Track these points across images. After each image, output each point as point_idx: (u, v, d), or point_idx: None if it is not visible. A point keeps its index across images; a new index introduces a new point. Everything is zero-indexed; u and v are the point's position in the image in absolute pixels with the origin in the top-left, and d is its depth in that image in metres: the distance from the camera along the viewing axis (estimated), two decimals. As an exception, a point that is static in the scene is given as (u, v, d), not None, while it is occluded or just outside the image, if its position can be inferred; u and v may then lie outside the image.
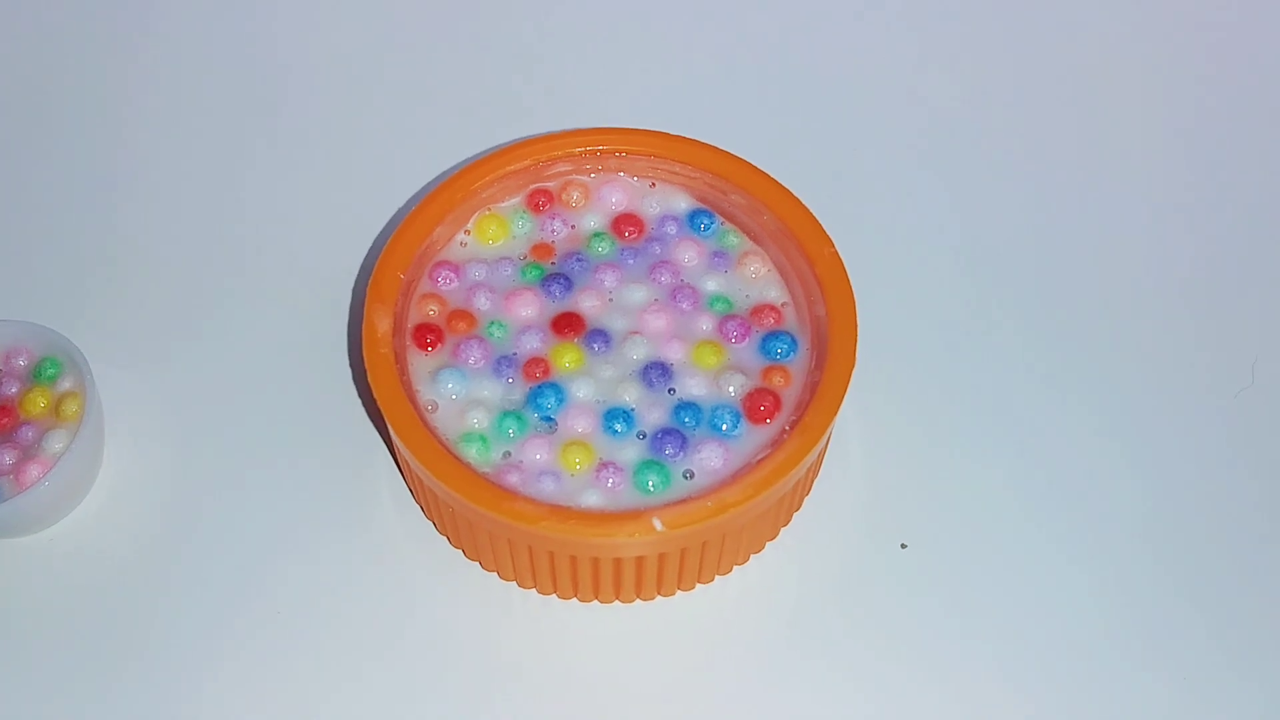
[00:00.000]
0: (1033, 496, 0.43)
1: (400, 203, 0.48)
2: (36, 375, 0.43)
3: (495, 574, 0.41)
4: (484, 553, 0.41)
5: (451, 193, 0.43)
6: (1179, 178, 0.50)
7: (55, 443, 0.41)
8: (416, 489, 0.42)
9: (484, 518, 0.37)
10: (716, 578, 0.41)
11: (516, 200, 0.45)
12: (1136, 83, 0.52)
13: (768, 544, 0.42)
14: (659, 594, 0.41)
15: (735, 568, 0.41)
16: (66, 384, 0.43)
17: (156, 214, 0.49)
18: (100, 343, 0.44)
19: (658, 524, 0.36)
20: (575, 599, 0.41)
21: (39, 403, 0.42)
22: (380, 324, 0.40)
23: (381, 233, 0.48)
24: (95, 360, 0.42)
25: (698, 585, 0.41)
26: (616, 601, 0.41)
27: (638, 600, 0.41)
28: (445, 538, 0.42)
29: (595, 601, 0.41)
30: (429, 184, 0.48)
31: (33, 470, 0.41)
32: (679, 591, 0.41)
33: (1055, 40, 0.53)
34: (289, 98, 0.52)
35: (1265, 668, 0.40)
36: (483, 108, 0.50)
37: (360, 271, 0.47)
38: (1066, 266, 0.48)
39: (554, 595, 0.41)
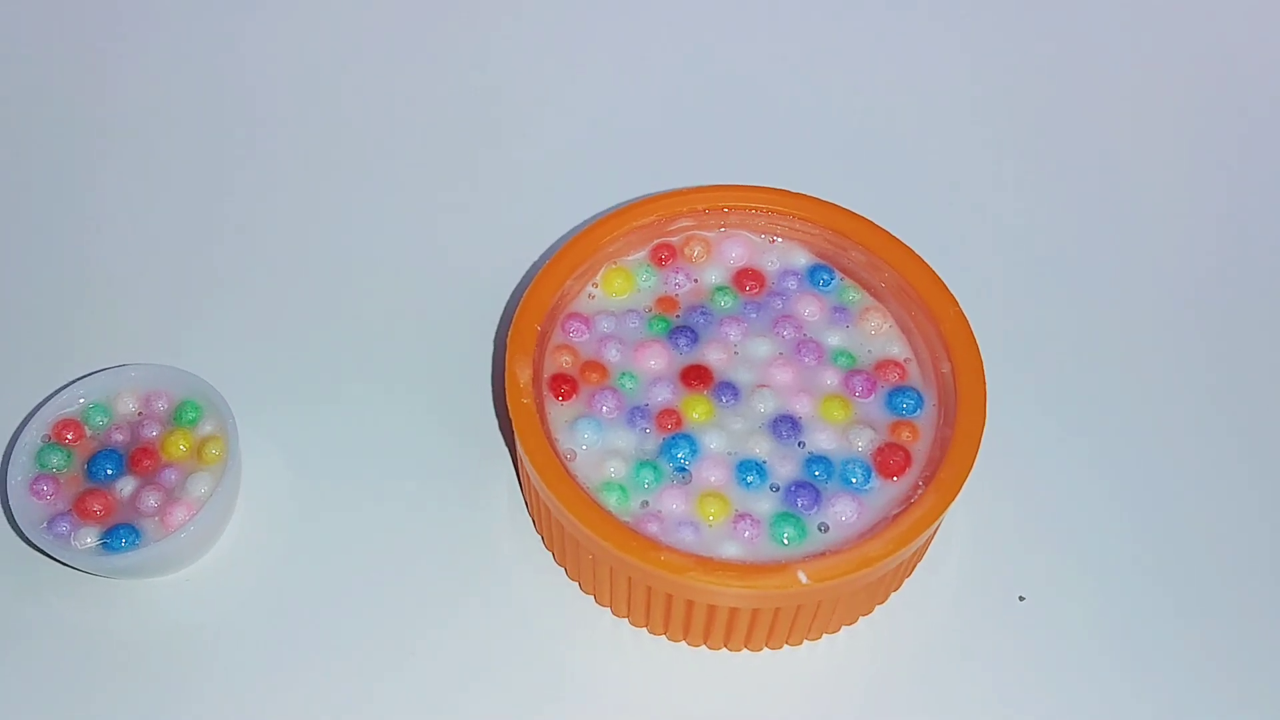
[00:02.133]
0: (1151, 544, 0.44)
1: (534, 257, 0.49)
2: (177, 419, 0.44)
3: (609, 609, 0.43)
4: (615, 598, 0.42)
5: (581, 247, 0.45)
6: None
7: (199, 486, 0.43)
8: (551, 532, 0.43)
9: (629, 566, 0.38)
10: (843, 628, 0.42)
11: (641, 254, 0.46)
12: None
13: (891, 594, 0.43)
14: (786, 644, 0.42)
15: (861, 619, 0.42)
16: (208, 427, 0.44)
17: (298, 263, 0.51)
18: (236, 386, 0.45)
19: (803, 577, 0.37)
20: (703, 645, 0.42)
21: (180, 446, 0.43)
22: (521, 374, 0.42)
23: (519, 285, 0.50)
24: (231, 402, 0.44)
25: (824, 636, 0.42)
26: (744, 649, 0.42)
27: (766, 649, 0.42)
28: (576, 582, 0.43)
29: (724, 649, 0.42)
30: (561, 238, 0.50)
31: (179, 513, 0.42)
32: (805, 642, 0.42)
33: (1193, 103, 0.54)
34: (438, 161, 0.54)
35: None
36: (610, 166, 0.51)
37: (500, 321, 0.49)
38: (1188, 322, 0.49)
39: (664, 636, 0.42)
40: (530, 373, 0.42)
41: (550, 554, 0.44)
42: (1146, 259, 0.51)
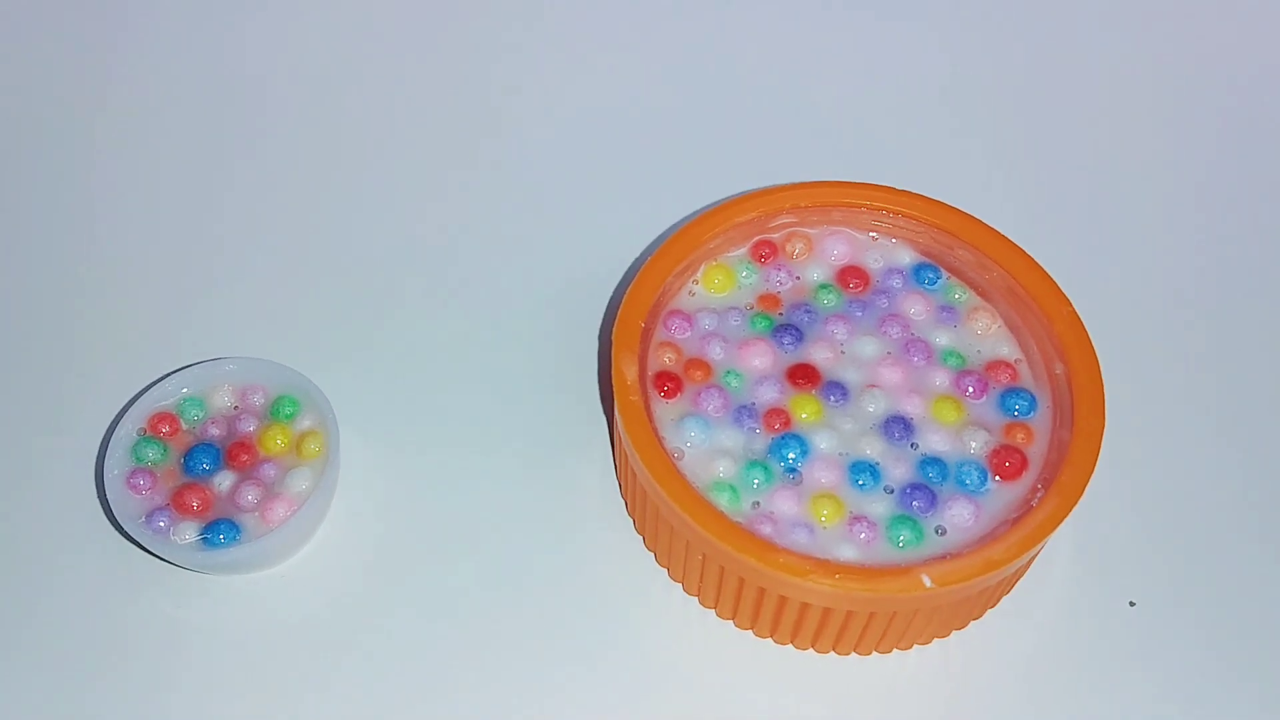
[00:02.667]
0: (1266, 546, 0.43)
1: (636, 254, 0.49)
2: (274, 413, 0.43)
3: (714, 612, 0.42)
4: (721, 599, 0.41)
5: (682, 244, 0.44)
6: None
7: (300, 481, 0.42)
8: (656, 530, 0.42)
9: (744, 566, 0.38)
10: (953, 633, 0.41)
11: (742, 251, 0.45)
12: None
13: (1002, 598, 0.42)
14: (896, 648, 0.41)
15: (971, 623, 0.42)
16: (306, 422, 0.43)
17: (400, 258, 0.50)
18: (333, 381, 0.44)
19: (927, 580, 0.37)
20: (810, 649, 0.41)
21: (278, 440, 0.43)
22: (628, 371, 0.41)
23: (621, 282, 0.49)
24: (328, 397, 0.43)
25: (935, 640, 0.41)
26: (852, 653, 0.41)
27: (875, 653, 0.41)
28: (680, 582, 0.42)
29: (832, 653, 0.41)
30: (661, 235, 0.49)
31: (279, 509, 0.41)
32: (915, 646, 0.41)
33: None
34: (543, 158, 0.53)
35: None
36: (710, 163, 0.51)
37: (605, 318, 0.48)
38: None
39: (771, 639, 0.41)
40: (636, 370, 0.41)
41: (651, 553, 0.43)
42: (1269, 253, 0.50)
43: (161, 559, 0.42)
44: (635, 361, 0.41)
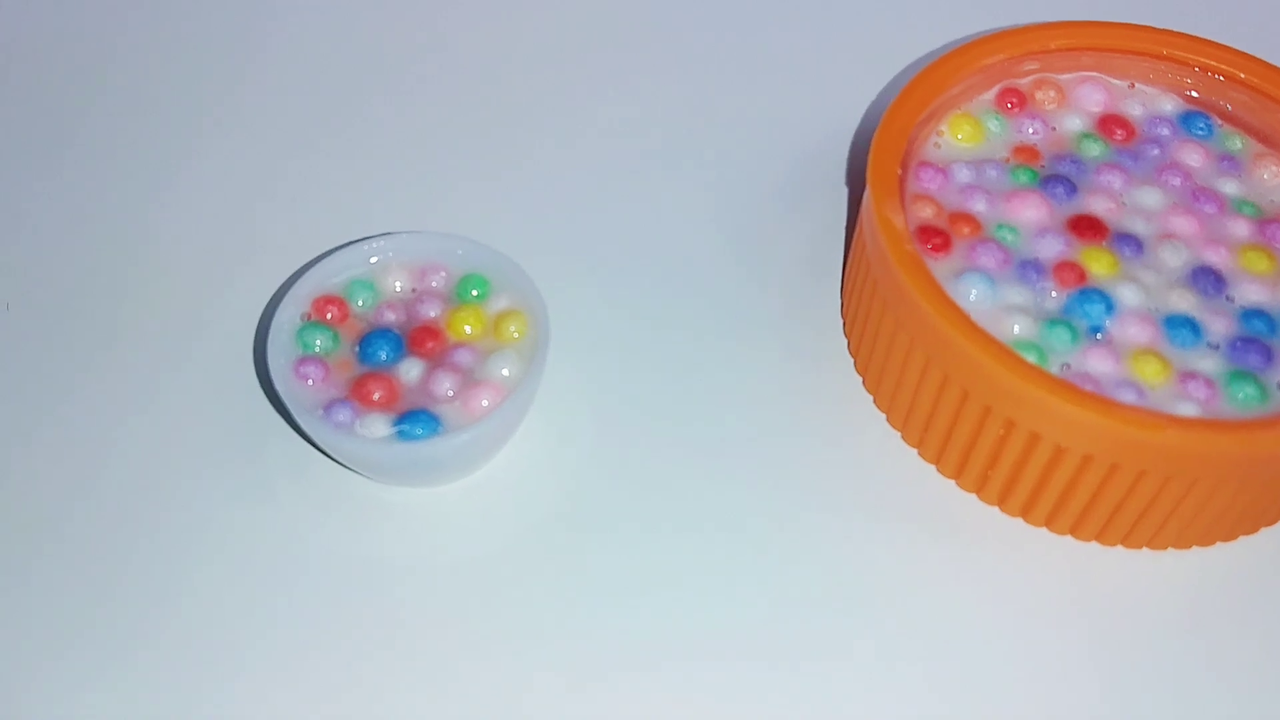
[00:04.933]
0: None
1: (872, 96, 0.43)
2: (460, 294, 0.37)
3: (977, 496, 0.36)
4: (1021, 478, 0.34)
5: (925, 89, 0.38)
6: None
7: (502, 366, 0.35)
8: (935, 401, 0.35)
9: (1075, 426, 0.31)
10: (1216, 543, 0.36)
11: (987, 98, 0.40)
12: None
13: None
14: (1160, 541, 0.35)
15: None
16: (503, 302, 0.36)
17: (596, 115, 0.44)
18: (524, 256, 0.38)
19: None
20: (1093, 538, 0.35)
21: (467, 326, 0.36)
22: (895, 219, 0.35)
23: (860, 128, 0.43)
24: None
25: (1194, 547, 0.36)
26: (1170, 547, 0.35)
27: (1195, 546, 0.35)
28: (936, 465, 0.36)
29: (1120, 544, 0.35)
30: (897, 77, 0.43)
31: (483, 396, 0.34)
32: (1170, 549, 0.35)
33: None
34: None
35: None
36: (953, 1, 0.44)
37: (850, 164, 0.42)
38: None
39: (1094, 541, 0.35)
40: (903, 219, 0.35)
41: (897, 431, 0.37)
42: None
43: (339, 464, 0.35)
44: (900, 210, 0.35)
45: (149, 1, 0.47)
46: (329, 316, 0.36)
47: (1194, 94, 0.40)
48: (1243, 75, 0.39)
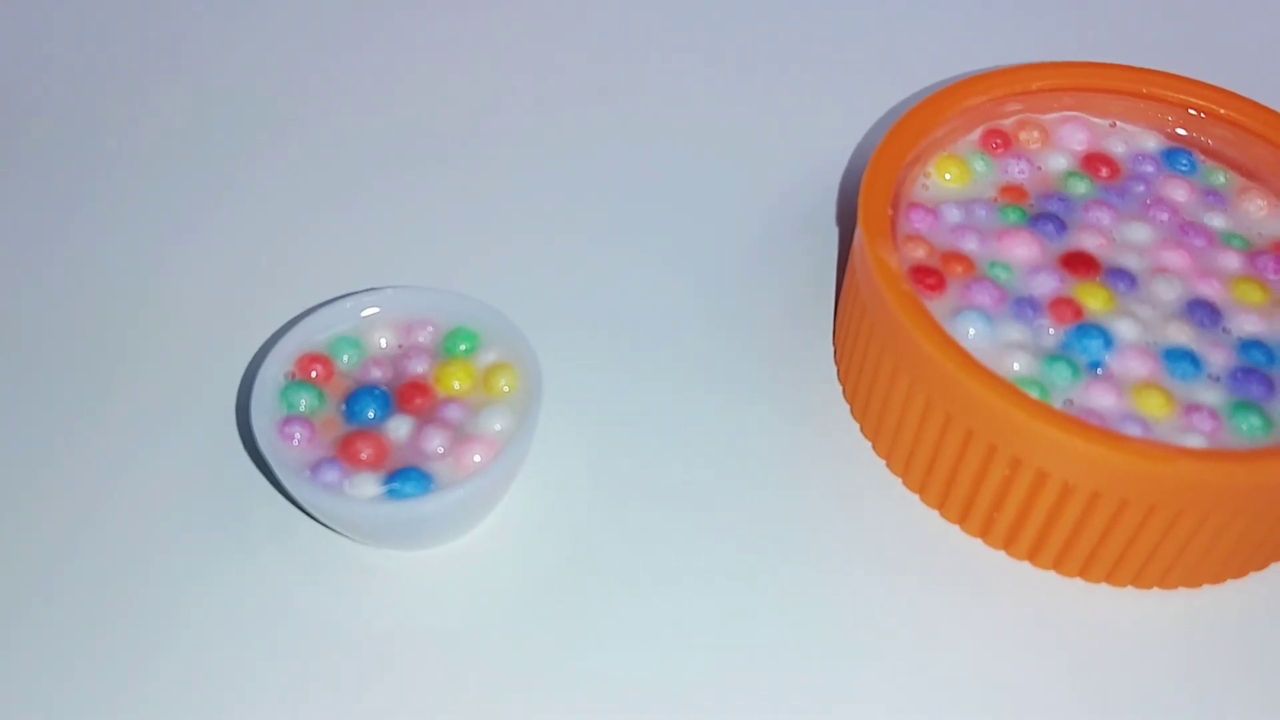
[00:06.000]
0: None
1: (857, 140, 0.42)
2: (448, 349, 0.36)
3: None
4: (1026, 514, 0.34)
5: (909, 130, 0.38)
6: None
7: (495, 421, 0.34)
8: (938, 438, 0.34)
9: (1083, 460, 0.31)
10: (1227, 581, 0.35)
11: (971, 140, 0.40)
12: None
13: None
14: (1169, 581, 0.34)
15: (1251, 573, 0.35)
16: (492, 355, 0.36)
17: (581, 155, 0.44)
18: (509, 307, 0.37)
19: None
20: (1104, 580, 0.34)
21: (455, 381, 0.35)
22: (890, 260, 0.34)
23: (847, 170, 0.43)
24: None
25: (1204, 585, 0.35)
26: (1181, 587, 0.34)
27: (1206, 586, 0.34)
28: (937, 508, 0.35)
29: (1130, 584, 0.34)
30: (882, 119, 0.43)
31: (474, 453, 0.33)
32: (1180, 588, 0.35)
33: None
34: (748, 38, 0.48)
35: None
36: (931, 42, 0.45)
37: (839, 206, 0.41)
38: None
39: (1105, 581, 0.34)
40: (897, 259, 0.35)
41: (898, 477, 0.36)
42: None
43: (326, 526, 0.34)
44: (894, 250, 0.35)
45: (126, 57, 0.47)
46: (314, 375, 0.35)
47: (1175, 131, 0.40)
48: (1222, 111, 0.39)
